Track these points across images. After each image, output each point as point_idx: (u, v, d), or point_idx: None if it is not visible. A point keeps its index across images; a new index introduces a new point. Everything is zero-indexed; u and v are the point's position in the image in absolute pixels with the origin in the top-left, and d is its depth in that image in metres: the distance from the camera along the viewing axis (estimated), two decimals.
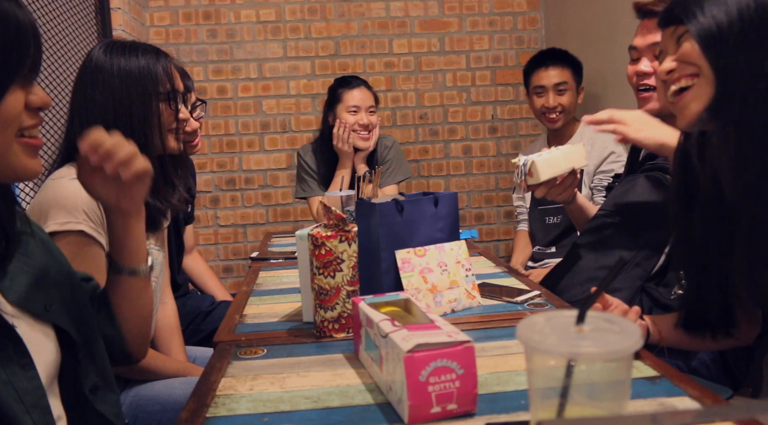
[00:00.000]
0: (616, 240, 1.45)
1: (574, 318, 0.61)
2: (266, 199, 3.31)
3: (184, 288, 2.07)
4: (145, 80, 1.28)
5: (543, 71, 2.46)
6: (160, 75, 1.30)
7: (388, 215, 1.19)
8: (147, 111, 1.28)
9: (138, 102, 1.28)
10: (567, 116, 2.43)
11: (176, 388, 1.31)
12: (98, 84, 1.27)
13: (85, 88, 1.29)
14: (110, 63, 1.28)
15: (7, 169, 0.77)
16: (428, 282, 1.21)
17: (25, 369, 0.79)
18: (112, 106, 1.26)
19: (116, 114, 1.26)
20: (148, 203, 1.28)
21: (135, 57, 1.29)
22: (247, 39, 3.23)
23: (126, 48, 1.30)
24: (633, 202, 1.47)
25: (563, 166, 1.44)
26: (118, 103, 1.27)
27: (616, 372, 0.59)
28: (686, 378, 0.88)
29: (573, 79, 2.45)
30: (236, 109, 3.25)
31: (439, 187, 3.38)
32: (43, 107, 0.80)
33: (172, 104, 1.32)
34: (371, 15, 3.29)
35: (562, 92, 2.42)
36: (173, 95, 1.32)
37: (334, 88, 2.55)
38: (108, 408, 0.92)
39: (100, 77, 1.27)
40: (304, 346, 1.07)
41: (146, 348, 1.12)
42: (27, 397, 0.78)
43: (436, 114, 3.36)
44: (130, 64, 1.28)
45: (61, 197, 1.19)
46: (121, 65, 1.28)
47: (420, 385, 0.75)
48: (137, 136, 1.26)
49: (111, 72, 1.27)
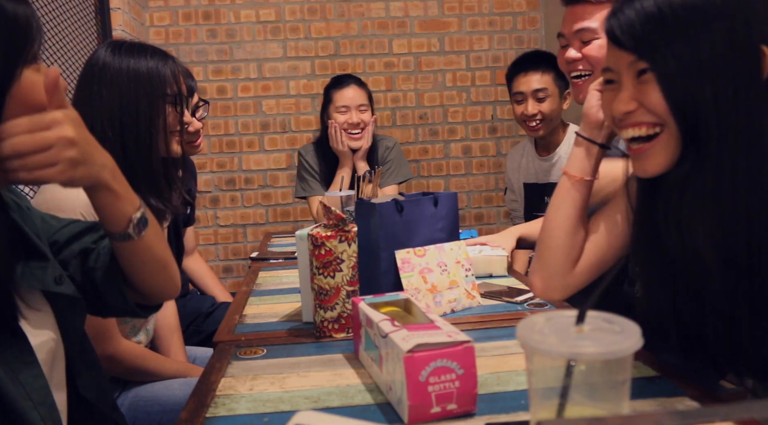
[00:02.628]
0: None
1: (574, 318, 0.61)
2: (266, 199, 3.31)
3: (185, 289, 2.07)
4: (153, 81, 1.28)
5: (522, 77, 2.33)
6: (168, 77, 1.30)
7: (387, 215, 1.19)
8: (153, 112, 1.28)
9: (145, 102, 1.28)
10: (549, 124, 2.31)
11: (175, 389, 1.31)
12: (105, 83, 1.27)
13: (90, 86, 1.28)
14: (119, 62, 1.28)
15: None
16: (428, 282, 1.21)
17: (30, 368, 0.80)
18: (118, 105, 1.26)
19: (122, 113, 1.26)
20: (150, 204, 1.28)
21: (144, 58, 1.29)
22: (247, 39, 3.23)
23: (134, 49, 1.30)
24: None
25: (480, 270, 1.49)
26: (126, 102, 1.26)
27: (616, 372, 0.59)
28: (686, 378, 0.88)
29: (555, 84, 2.32)
30: (236, 109, 3.26)
31: (439, 187, 3.38)
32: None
33: (178, 107, 1.32)
34: (371, 15, 3.29)
35: (542, 99, 2.28)
36: (179, 99, 1.32)
37: (326, 88, 2.55)
38: (91, 393, 0.93)
39: (107, 76, 1.27)
40: (304, 346, 1.07)
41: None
42: (34, 394, 0.79)
43: (436, 114, 3.36)
44: (139, 65, 1.28)
45: (58, 199, 1.18)
46: (130, 65, 1.28)
47: (420, 385, 0.75)
48: (143, 136, 1.27)
49: (120, 71, 1.27)
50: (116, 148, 1.25)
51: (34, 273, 0.84)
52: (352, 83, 2.50)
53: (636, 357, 0.91)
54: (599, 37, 1.47)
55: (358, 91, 2.49)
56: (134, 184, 1.25)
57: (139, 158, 1.27)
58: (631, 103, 0.88)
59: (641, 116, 0.88)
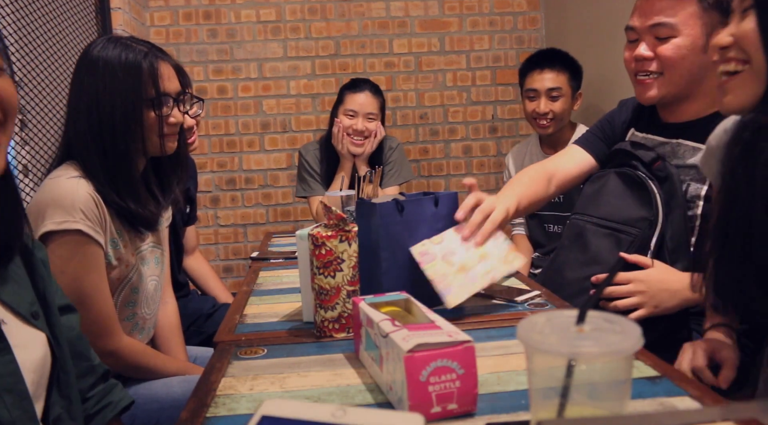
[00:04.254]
0: (598, 243, 1.43)
1: (574, 318, 0.61)
2: (266, 199, 3.31)
3: (185, 289, 2.07)
4: (128, 81, 1.25)
5: (537, 74, 2.34)
6: (145, 76, 1.26)
7: (388, 215, 1.19)
8: (129, 117, 1.25)
9: (120, 107, 1.25)
10: (559, 123, 2.33)
11: (174, 387, 1.31)
12: (89, 79, 1.26)
13: (79, 83, 1.28)
14: (97, 58, 1.26)
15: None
16: (454, 264, 1.17)
17: (1, 354, 0.78)
18: (96, 107, 1.25)
19: (100, 116, 1.25)
20: (129, 209, 1.28)
21: (124, 52, 1.26)
22: (248, 39, 3.23)
23: (119, 43, 1.28)
24: (607, 201, 1.44)
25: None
26: (102, 105, 1.25)
27: (617, 372, 0.59)
28: (686, 378, 0.88)
29: (569, 84, 2.34)
30: (236, 108, 3.26)
31: (440, 186, 3.38)
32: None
33: (157, 111, 1.28)
34: (371, 15, 3.29)
35: (555, 98, 2.31)
36: (158, 101, 1.28)
37: (342, 88, 2.54)
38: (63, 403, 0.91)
39: (89, 72, 1.26)
40: (304, 346, 1.07)
41: None
42: (1, 381, 0.77)
43: (437, 114, 3.36)
44: (115, 61, 1.25)
45: (58, 196, 1.19)
46: (107, 61, 1.25)
47: (420, 385, 0.75)
48: (119, 141, 1.26)
49: (97, 68, 1.25)
50: (97, 150, 1.25)
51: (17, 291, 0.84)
52: (367, 90, 2.48)
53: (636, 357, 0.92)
54: (678, 34, 1.37)
55: (371, 98, 2.47)
56: (115, 188, 1.26)
57: (117, 163, 1.26)
58: (728, 38, 0.90)
59: (733, 51, 0.89)
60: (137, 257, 1.35)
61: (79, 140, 1.27)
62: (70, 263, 1.19)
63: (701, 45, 1.36)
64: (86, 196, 1.21)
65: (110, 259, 1.27)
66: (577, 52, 2.49)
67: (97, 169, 1.25)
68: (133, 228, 1.33)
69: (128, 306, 1.35)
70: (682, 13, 1.36)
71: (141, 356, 1.33)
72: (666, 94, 1.42)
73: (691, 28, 1.36)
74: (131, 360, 1.31)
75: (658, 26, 1.38)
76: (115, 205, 1.26)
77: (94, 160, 1.25)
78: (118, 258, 1.29)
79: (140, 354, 1.33)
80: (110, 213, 1.26)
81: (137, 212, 1.29)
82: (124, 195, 1.27)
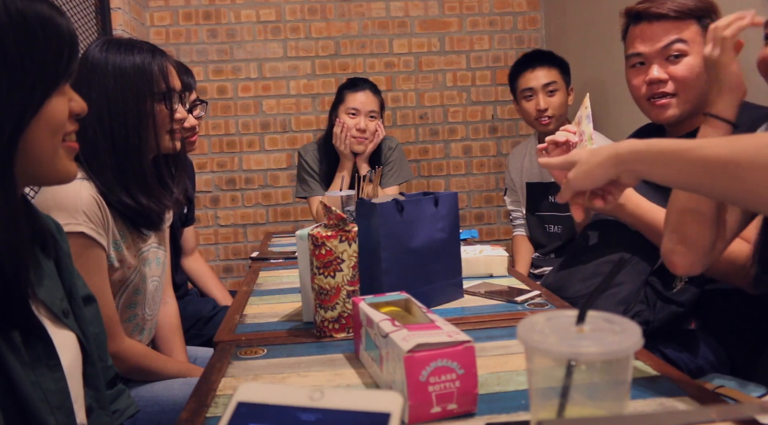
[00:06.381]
0: (619, 236, 1.43)
1: (574, 318, 0.61)
2: (266, 199, 3.31)
3: (184, 289, 2.07)
4: (139, 81, 1.26)
5: (530, 73, 2.34)
6: (155, 75, 1.27)
7: (388, 215, 1.19)
8: (141, 112, 1.26)
9: (132, 103, 1.25)
10: (558, 119, 2.32)
11: (175, 389, 1.31)
12: (94, 83, 1.25)
13: (81, 87, 1.28)
14: (105, 62, 1.26)
15: (53, 173, 0.80)
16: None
17: (53, 371, 0.79)
18: (106, 106, 1.25)
19: (111, 114, 1.25)
20: (141, 204, 1.28)
21: (131, 55, 1.27)
22: (248, 39, 3.23)
23: (122, 46, 1.28)
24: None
25: (480, 270, 1.52)
26: (113, 102, 1.25)
27: (616, 372, 0.59)
28: (686, 378, 0.88)
29: (561, 78, 2.34)
30: (236, 109, 3.26)
31: (440, 186, 3.38)
32: (81, 113, 0.83)
33: (168, 104, 1.30)
34: (371, 15, 3.29)
35: (552, 93, 2.31)
36: (169, 95, 1.30)
37: (340, 87, 2.55)
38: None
39: (95, 76, 1.26)
40: (304, 346, 1.07)
41: None
42: (52, 398, 0.78)
43: (436, 114, 3.36)
44: (124, 63, 1.26)
45: (60, 198, 1.18)
46: (116, 64, 1.26)
47: (420, 385, 0.75)
48: (131, 136, 1.26)
49: (106, 71, 1.25)
50: (106, 148, 1.25)
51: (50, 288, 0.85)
52: (367, 88, 2.48)
53: (636, 357, 0.92)
54: (689, 53, 1.38)
55: (371, 97, 2.48)
56: (125, 185, 1.26)
57: (128, 158, 1.26)
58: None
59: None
60: (139, 258, 1.35)
61: (86, 138, 1.27)
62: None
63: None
64: (89, 199, 1.20)
65: (112, 261, 1.27)
66: (577, 52, 2.49)
67: (105, 166, 1.25)
68: (136, 229, 1.33)
69: (130, 307, 1.35)
70: (687, 32, 1.38)
71: (142, 358, 1.33)
72: (683, 112, 1.43)
73: (698, 45, 1.37)
74: (132, 362, 1.30)
75: (671, 45, 1.38)
76: (121, 204, 1.26)
77: (103, 158, 1.25)
78: (120, 260, 1.29)
79: (141, 356, 1.33)
80: (113, 214, 1.26)
81: (149, 207, 1.29)
82: (135, 190, 1.27)
